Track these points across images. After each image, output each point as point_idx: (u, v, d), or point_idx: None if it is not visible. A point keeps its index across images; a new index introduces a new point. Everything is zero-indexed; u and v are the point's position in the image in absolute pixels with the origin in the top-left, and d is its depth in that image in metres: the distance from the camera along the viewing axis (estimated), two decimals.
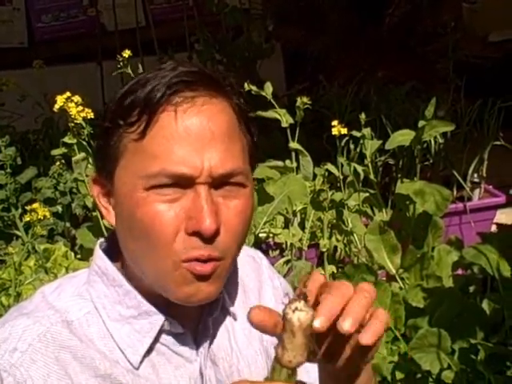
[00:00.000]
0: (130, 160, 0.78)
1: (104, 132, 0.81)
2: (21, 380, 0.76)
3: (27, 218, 1.90)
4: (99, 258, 0.86)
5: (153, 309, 0.82)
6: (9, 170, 2.38)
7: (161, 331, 0.83)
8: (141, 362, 0.82)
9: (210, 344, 0.87)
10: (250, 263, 1.00)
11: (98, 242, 0.88)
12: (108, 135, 0.80)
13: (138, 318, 0.82)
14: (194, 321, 0.86)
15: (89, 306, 0.83)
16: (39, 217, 1.86)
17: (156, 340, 0.83)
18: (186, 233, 0.76)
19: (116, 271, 0.84)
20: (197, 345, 0.86)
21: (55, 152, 2.29)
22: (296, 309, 0.61)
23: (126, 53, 2.23)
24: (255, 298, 0.97)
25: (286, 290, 1.02)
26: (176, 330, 0.84)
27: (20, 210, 2.33)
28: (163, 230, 0.76)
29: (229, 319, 0.91)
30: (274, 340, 0.69)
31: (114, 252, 0.86)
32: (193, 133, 0.76)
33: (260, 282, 0.99)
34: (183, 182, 0.76)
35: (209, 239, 0.76)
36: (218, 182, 0.77)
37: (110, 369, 0.80)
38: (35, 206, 1.89)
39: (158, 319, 0.82)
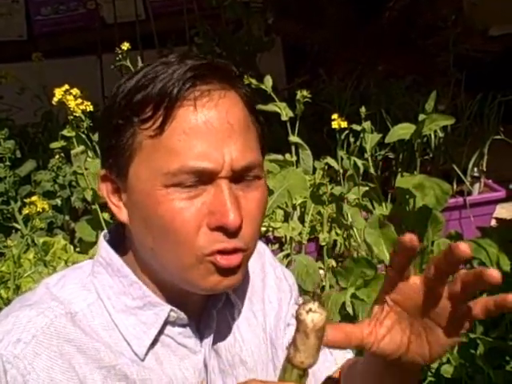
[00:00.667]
0: (146, 157, 0.77)
1: (114, 129, 0.79)
2: (24, 372, 0.75)
3: (26, 211, 1.90)
4: (104, 249, 0.85)
5: (158, 300, 0.82)
6: (8, 163, 2.38)
7: (166, 322, 0.83)
8: (146, 353, 0.82)
9: (213, 335, 0.87)
10: (253, 254, 1.01)
11: (102, 233, 0.88)
12: (120, 132, 0.78)
13: (143, 309, 0.82)
14: (197, 311, 0.87)
15: (93, 297, 0.83)
16: (38, 209, 1.86)
17: (161, 331, 0.83)
18: (208, 228, 0.76)
19: (121, 262, 0.83)
20: (201, 336, 0.86)
21: (54, 145, 2.28)
22: (310, 310, 0.61)
23: (125, 45, 2.23)
24: (259, 288, 0.97)
25: (289, 280, 1.02)
26: (181, 321, 0.84)
27: (19, 203, 2.33)
28: (185, 227, 0.75)
29: (232, 309, 0.91)
30: (277, 327, 0.69)
31: (118, 244, 0.86)
32: (213, 127, 0.75)
33: (263, 271, 0.99)
34: (204, 178, 0.75)
35: (233, 233, 0.76)
36: (238, 176, 0.77)
37: (115, 360, 0.80)
38: (34, 198, 1.89)
39: (164, 310, 0.82)
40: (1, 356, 0.76)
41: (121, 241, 0.86)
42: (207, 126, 0.75)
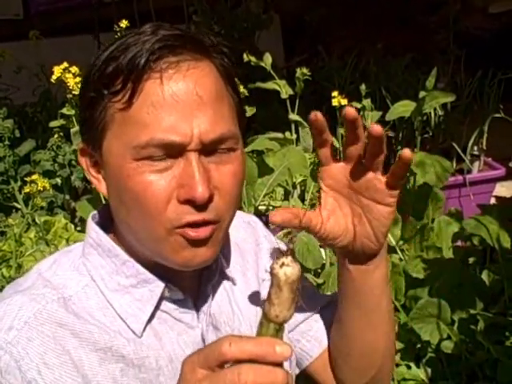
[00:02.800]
0: (117, 130, 0.77)
1: (88, 102, 0.79)
2: (18, 358, 0.75)
3: (27, 190, 1.90)
4: (93, 230, 0.85)
5: (152, 276, 0.82)
6: (7, 143, 2.37)
7: (161, 298, 0.83)
8: (143, 330, 0.82)
9: (211, 309, 0.88)
10: (246, 228, 1.01)
11: (91, 214, 0.88)
12: (93, 105, 0.78)
13: (137, 287, 0.82)
14: (193, 287, 0.87)
15: (86, 279, 0.83)
16: (39, 188, 1.85)
17: (157, 307, 0.83)
18: (178, 201, 0.76)
19: (111, 242, 0.84)
20: (197, 311, 0.87)
21: (53, 124, 2.27)
22: (283, 264, 0.62)
23: (123, 23, 2.20)
24: (253, 261, 0.97)
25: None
26: (176, 296, 0.84)
27: (19, 183, 2.33)
28: (155, 200, 0.75)
29: (228, 283, 0.92)
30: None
31: (107, 224, 0.86)
32: (180, 99, 0.74)
33: (257, 244, 1.00)
34: (173, 150, 0.75)
35: (202, 206, 0.76)
36: (209, 149, 0.77)
37: (110, 342, 0.80)
38: (35, 177, 1.89)
39: (158, 286, 0.82)
40: None
41: (110, 221, 0.86)
42: (174, 99, 0.74)
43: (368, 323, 0.91)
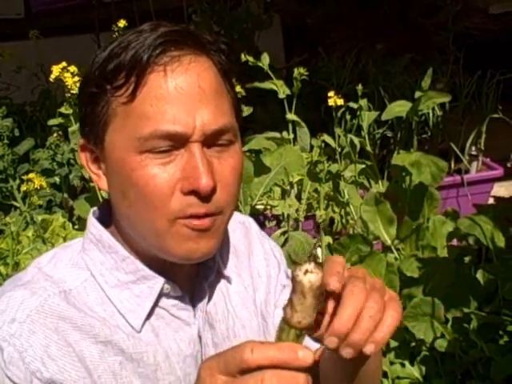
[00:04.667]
0: (120, 124, 0.78)
1: (90, 98, 0.80)
2: (21, 349, 0.76)
3: (24, 188, 1.91)
4: (93, 225, 0.86)
5: (151, 273, 0.83)
6: (6, 142, 2.39)
7: (160, 295, 0.84)
8: (142, 325, 0.83)
9: (207, 307, 0.88)
10: (241, 229, 1.01)
11: (91, 210, 0.89)
12: (94, 100, 0.79)
13: (136, 283, 0.83)
14: (189, 285, 0.87)
15: (85, 274, 0.84)
16: (36, 186, 1.87)
17: (155, 304, 0.84)
18: (181, 192, 0.77)
19: (111, 238, 0.84)
20: (194, 308, 0.87)
21: (52, 122, 2.28)
22: (306, 271, 0.62)
23: (122, 22, 2.22)
24: (247, 262, 0.98)
25: (277, 254, 1.03)
26: (175, 293, 0.85)
27: (18, 181, 2.34)
28: (158, 192, 0.76)
29: (224, 283, 0.92)
30: (267, 302, 0.69)
31: (107, 220, 0.87)
32: (183, 91, 0.76)
33: (250, 246, 1.00)
34: (177, 142, 0.76)
35: (206, 198, 0.77)
36: (210, 141, 0.78)
37: (111, 335, 0.81)
38: (32, 175, 1.90)
39: (158, 282, 0.83)
40: None
41: (110, 217, 0.86)
42: (178, 91, 0.76)
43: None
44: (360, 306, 0.64)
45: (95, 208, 0.90)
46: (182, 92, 0.76)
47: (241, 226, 1.02)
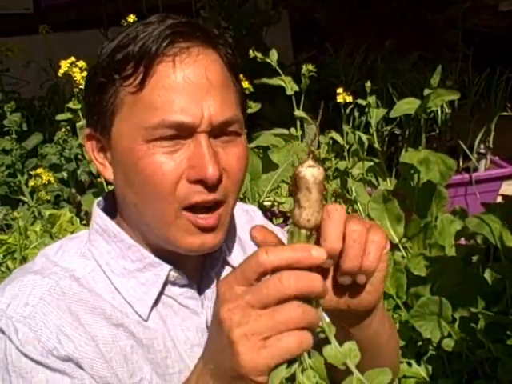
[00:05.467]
0: (128, 113, 0.78)
1: (98, 87, 0.81)
2: (36, 328, 0.77)
3: (32, 183, 1.91)
4: (98, 216, 0.87)
5: (157, 260, 0.84)
6: (14, 136, 2.39)
7: (166, 282, 0.84)
8: (149, 313, 0.83)
9: (214, 296, 0.88)
10: (245, 216, 1.02)
11: (96, 201, 0.90)
12: (103, 90, 0.80)
13: (143, 271, 0.84)
14: (196, 274, 0.88)
15: (92, 265, 0.85)
16: (44, 181, 1.87)
17: (162, 292, 0.84)
18: (188, 181, 0.77)
19: (116, 227, 0.85)
20: (202, 298, 0.88)
21: (60, 117, 2.29)
22: (309, 166, 0.62)
23: (131, 17, 2.22)
24: (251, 250, 0.97)
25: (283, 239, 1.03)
26: (181, 280, 0.85)
27: (26, 176, 2.35)
28: (165, 180, 0.77)
29: (230, 271, 0.92)
30: None
31: (112, 211, 0.87)
32: (191, 82, 0.77)
33: None
34: (184, 132, 0.77)
35: (212, 186, 0.77)
36: (217, 131, 0.79)
37: (122, 319, 0.82)
38: (40, 171, 1.90)
39: (163, 269, 0.84)
40: (10, 318, 0.77)
41: (115, 208, 0.87)
42: (186, 81, 0.77)
43: (377, 359, 0.84)
44: (341, 228, 0.65)
45: (100, 199, 0.91)
46: (190, 83, 0.77)
47: (245, 214, 1.03)
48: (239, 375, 0.60)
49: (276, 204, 2.47)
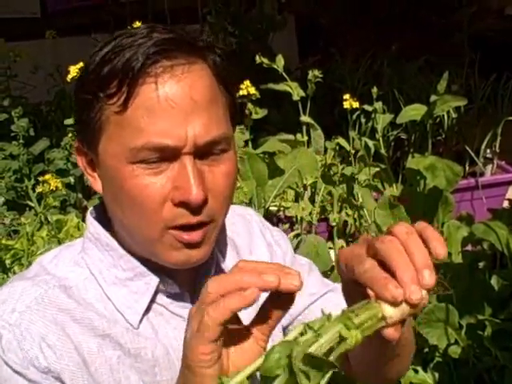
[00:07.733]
0: (113, 132, 0.78)
1: (84, 103, 0.80)
2: (20, 338, 0.77)
3: (39, 189, 1.92)
4: (91, 224, 0.88)
5: (147, 270, 0.84)
6: (21, 141, 2.40)
7: (157, 291, 0.85)
8: (140, 322, 0.84)
9: None
10: (240, 221, 1.01)
11: (89, 210, 0.90)
12: (88, 106, 0.79)
13: (134, 280, 0.84)
14: (190, 281, 0.88)
15: (85, 273, 0.85)
16: (51, 188, 1.88)
17: (153, 301, 0.85)
18: (172, 203, 0.77)
19: (108, 236, 0.86)
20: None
21: (67, 122, 2.30)
22: None
23: (137, 23, 2.22)
24: (247, 255, 0.98)
25: (283, 242, 1.03)
26: (172, 289, 0.86)
27: (33, 181, 2.35)
28: (150, 201, 0.77)
29: None
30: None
31: (105, 219, 0.88)
32: (175, 103, 0.75)
33: (251, 239, 1.00)
34: (168, 154, 0.76)
35: (196, 209, 0.77)
36: (203, 151, 0.77)
37: (109, 329, 0.82)
38: (47, 177, 1.91)
39: (154, 279, 0.84)
40: None
41: (107, 215, 0.87)
42: (169, 103, 0.75)
43: (399, 362, 0.88)
44: (405, 256, 0.59)
45: (92, 208, 0.91)
46: (173, 105, 0.75)
47: (240, 219, 1.02)
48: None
49: (282, 209, 2.47)
